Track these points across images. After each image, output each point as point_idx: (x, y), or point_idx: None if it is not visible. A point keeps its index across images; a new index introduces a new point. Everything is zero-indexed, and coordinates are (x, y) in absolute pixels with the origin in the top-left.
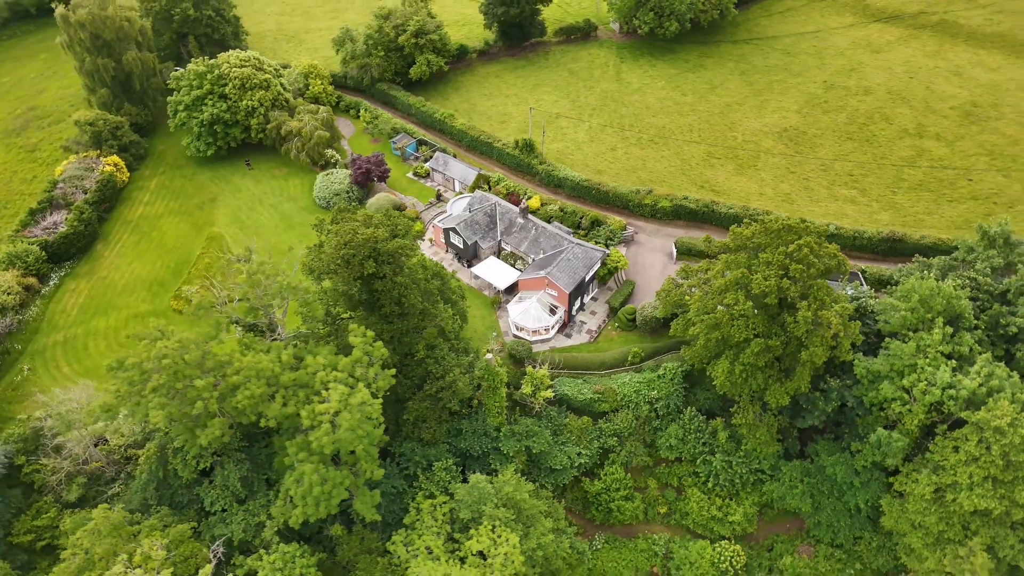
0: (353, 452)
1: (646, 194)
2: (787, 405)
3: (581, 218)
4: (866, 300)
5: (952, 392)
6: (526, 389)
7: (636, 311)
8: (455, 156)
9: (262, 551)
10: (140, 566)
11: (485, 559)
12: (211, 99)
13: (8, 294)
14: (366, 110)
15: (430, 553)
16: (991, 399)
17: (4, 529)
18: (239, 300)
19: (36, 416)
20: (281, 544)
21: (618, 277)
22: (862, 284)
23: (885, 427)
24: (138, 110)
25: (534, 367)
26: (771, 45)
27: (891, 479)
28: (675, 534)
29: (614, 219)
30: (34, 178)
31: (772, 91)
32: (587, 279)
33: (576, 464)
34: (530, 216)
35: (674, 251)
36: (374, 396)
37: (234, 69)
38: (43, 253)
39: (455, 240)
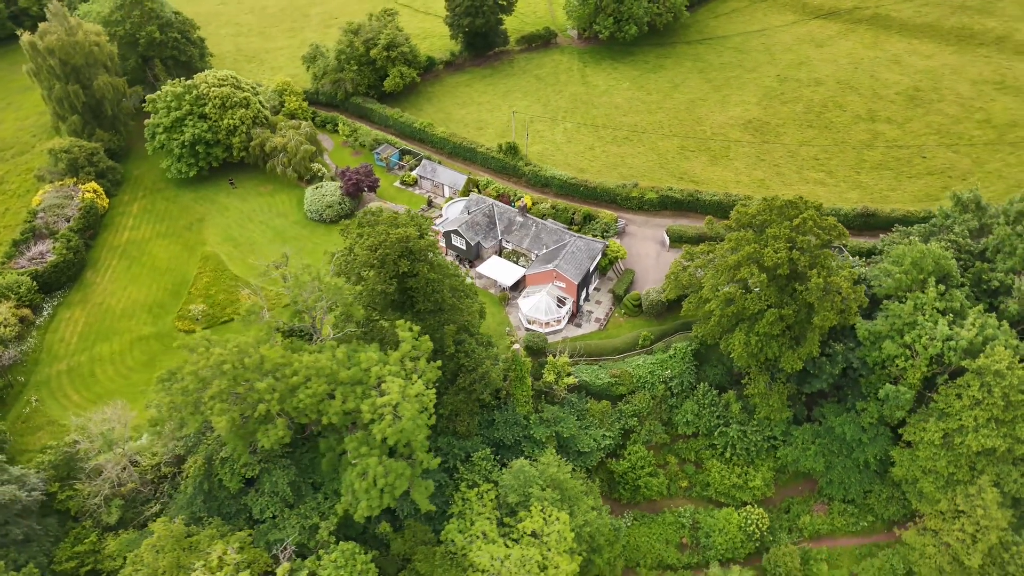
0: (408, 444)
1: (632, 187)
2: (795, 373)
3: (573, 214)
4: (858, 268)
5: (952, 343)
6: (548, 377)
7: (641, 297)
8: (440, 163)
9: (321, 551)
10: (218, 570)
11: (537, 538)
12: (191, 119)
13: (5, 326)
14: (344, 124)
15: (485, 537)
16: (987, 347)
17: (46, 558)
18: (287, 305)
19: (67, 441)
20: (341, 543)
21: (617, 267)
22: (846, 256)
23: (889, 383)
24: (110, 136)
25: (554, 356)
26: (723, 44)
27: (901, 430)
28: (699, 505)
29: (605, 213)
30: (7, 210)
31: (731, 86)
32: (591, 270)
33: (602, 446)
34: (528, 214)
35: (666, 239)
36: (426, 387)
37: (213, 89)
38: (34, 283)
39: (457, 242)
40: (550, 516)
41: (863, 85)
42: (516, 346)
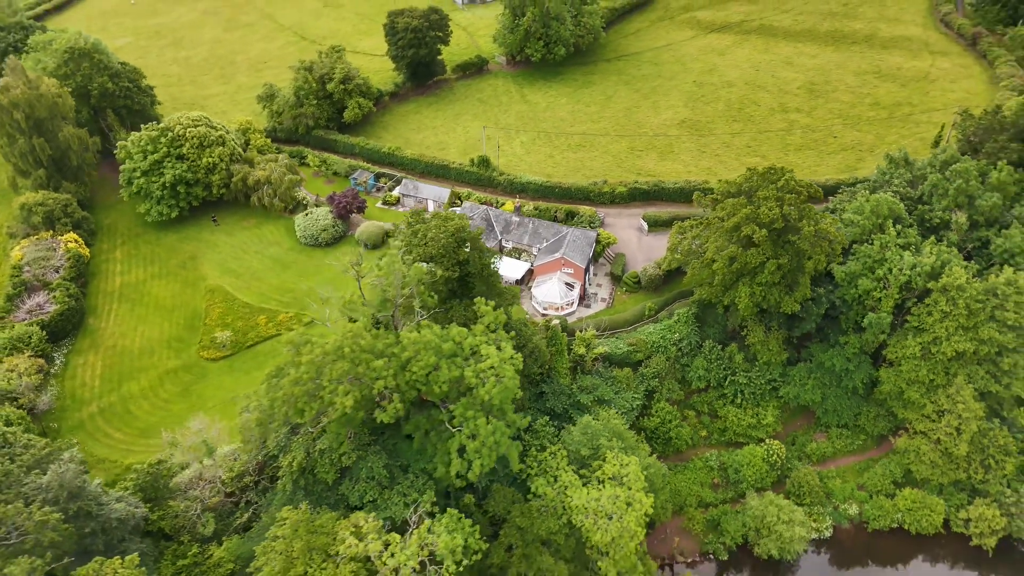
0: (501, 407)
1: (603, 184)
2: (784, 320)
3: (556, 212)
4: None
5: (917, 270)
6: (579, 350)
7: (639, 274)
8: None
9: (428, 520)
10: (365, 536)
11: (617, 480)
12: (169, 161)
13: (28, 375)
14: (313, 155)
15: (572, 485)
16: (945, 269)
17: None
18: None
19: (150, 462)
20: (448, 510)
21: (608, 253)
22: None
23: (870, 313)
24: (76, 187)
25: (581, 332)
26: (639, 59)
27: (884, 352)
28: (720, 449)
29: (585, 208)
30: None
31: (657, 94)
32: (591, 255)
33: (633, 407)
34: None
35: (644, 225)
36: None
37: (189, 129)
38: (44, 333)
39: None
40: (623, 461)
41: (768, 83)
42: (555, 322)
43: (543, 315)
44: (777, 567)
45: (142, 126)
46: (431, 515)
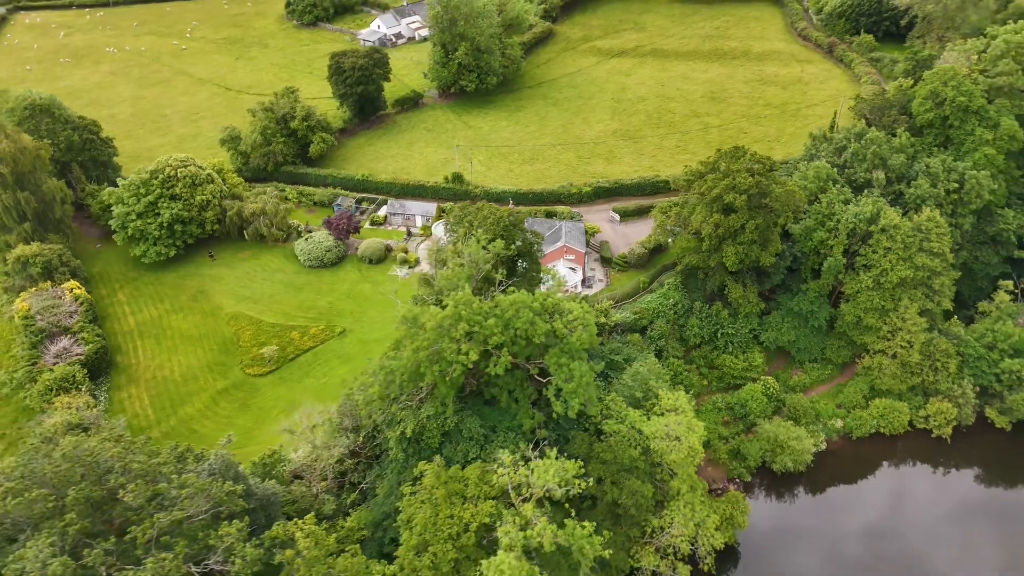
0: (582, 353)
1: (570, 187)
2: (756, 277)
3: (535, 213)
4: None
5: (860, 218)
6: (600, 319)
7: (627, 255)
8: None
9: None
10: (510, 466)
11: (674, 410)
12: (164, 201)
13: (89, 408)
14: (289, 189)
15: (640, 420)
16: (880, 214)
17: None
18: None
19: (270, 450)
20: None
21: (594, 242)
22: None
23: (823, 259)
24: (60, 238)
25: (597, 305)
26: (556, 84)
27: (840, 290)
28: (723, 394)
29: (560, 208)
30: None
31: (584, 111)
32: (586, 243)
33: (637, 371)
34: None
35: (616, 216)
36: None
37: (179, 169)
38: (85, 371)
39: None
40: (675, 395)
41: (675, 95)
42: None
43: None
44: (792, 478)
45: (136, 172)
46: (527, 460)
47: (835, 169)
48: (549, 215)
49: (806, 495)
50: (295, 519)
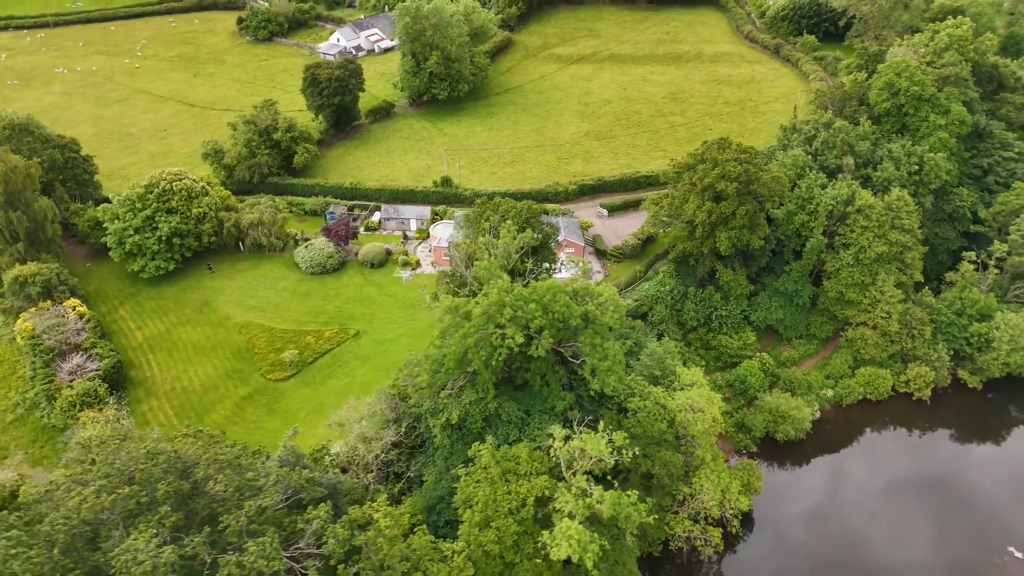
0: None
1: (556, 185)
2: (742, 261)
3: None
4: None
5: (837, 200)
6: None
7: (621, 246)
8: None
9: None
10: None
11: (694, 385)
12: (161, 215)
13: (119, 421)
14: (280, 199)
15: (663, 395)
16: (855, 195)
17: None
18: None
19: (316, 446)
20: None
21: (587, 236)
22: None
23: (804, 241)
24: (51, 257)
25: None
26: (523, 90)
27: (821, 269)
28: (721, 373)
29: (550, 206)
30: None
31: (554, 115)
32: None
33: (647, 351)
34: None
35: (604, 211)
36: None
37: (174, 182)
38: (106, 385)
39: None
40: (692, 372)
41: (638, 97)
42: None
43: None
44: (794, 446)
45: (133, 185)
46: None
47: (809, 157)
48: (544, 212)
49: (809, 460)
50: (368, 503)
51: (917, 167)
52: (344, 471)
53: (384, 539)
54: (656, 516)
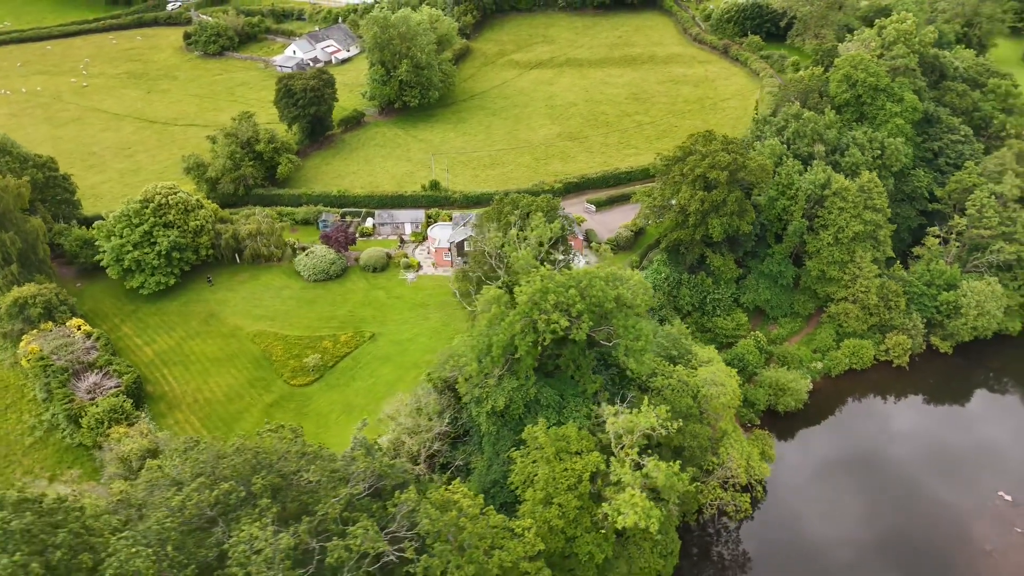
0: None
1: (542, 184)
2: (729, 247)
3: None
4: None
5: (815, 184)
6: None
7: (615, 239)
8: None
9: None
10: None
11: (710, 363)
12: (159, 230)
13: (154, 434)
14: (270, 211)
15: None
16: (831, 179)
17: None
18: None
19: (374, 439)
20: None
21: (581, 229)
22: None
23: (790, 223)
24: (44, 278)
25: None
26: (487, 96)
27: (803, 250)
28: (720, 352)
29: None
30: None
31: (523, 118)
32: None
33: (657, 332)
34: None
35: (591, 207)
36: None
37: (170, 196)
38: (131, 401)
39: (471, 247)
40: (707, 350)
41: (601, 99)
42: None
43: None
44: (793, 416)
45: (132, 197)
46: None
47: (783, 146)
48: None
49: (809, 427)
50: (444, 486)
51: (879, 152)
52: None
53: (467, 518)
54: (697, 485)
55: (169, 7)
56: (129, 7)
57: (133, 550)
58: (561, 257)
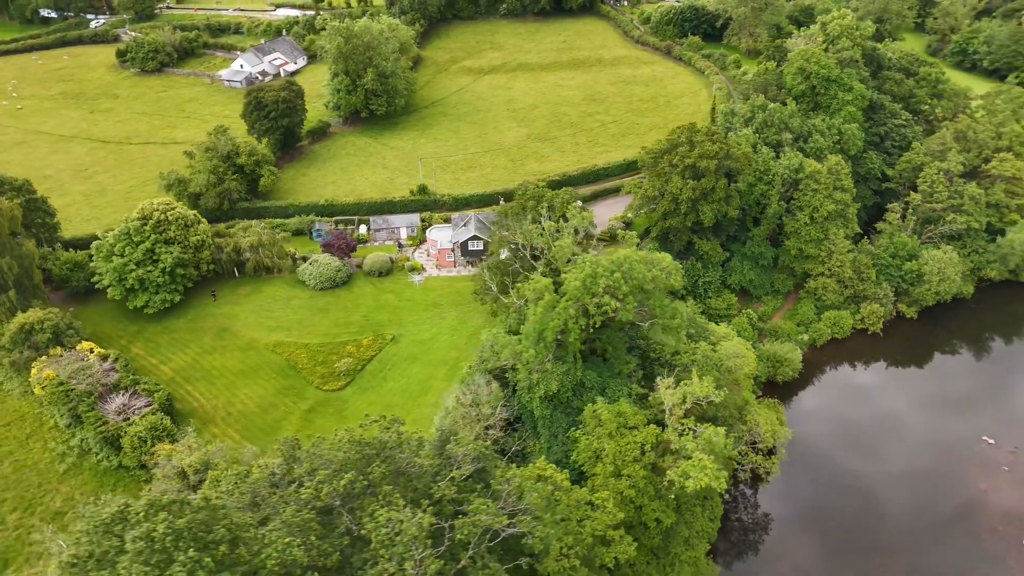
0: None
1: (526, 183)
2: (713, 232)
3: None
4: None
5: (790, 168)
6: None
7: (607, 231)
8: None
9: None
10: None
11: (726, 338)
12: (160, 247)
13: (195, 451)
14: (263, 223)
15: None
16: (804, 163)
17: None
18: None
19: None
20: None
21: None
22: None
23: (769, 206)
24: (40, 303)
25: None
26: (447, 102)
27: (781, 230)
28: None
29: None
30: None
31: (489, 122)
32: None
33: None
34: None
35: (578, 202)
36: None
37: (168, 212)
38: (168, 418)
39: (475, 245)
40: (722, 327)
41: (561, 100)
42: None
43: None
44: (790, 385)
45: (129, 218)
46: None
47: (755, 135)
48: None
49: (807, 393)
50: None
51: (838, 137)
52: None
53: (562, 491)
54: (741, 449)
55: (92, 25)
56: (48, 26)
57: (287, 540)
58: (595, 244)
